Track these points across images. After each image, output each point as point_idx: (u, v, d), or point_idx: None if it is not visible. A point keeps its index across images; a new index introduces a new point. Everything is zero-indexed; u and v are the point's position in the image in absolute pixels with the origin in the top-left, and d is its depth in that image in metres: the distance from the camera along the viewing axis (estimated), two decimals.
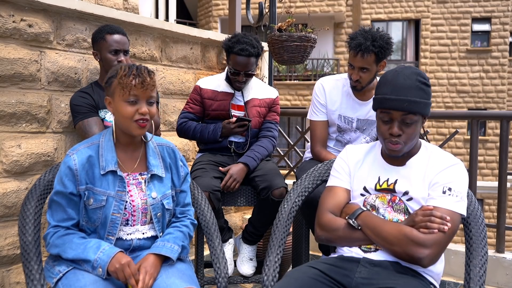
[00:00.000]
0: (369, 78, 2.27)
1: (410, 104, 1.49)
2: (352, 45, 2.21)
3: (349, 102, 2.40)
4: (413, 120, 1.52)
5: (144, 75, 1.52)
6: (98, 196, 1.55)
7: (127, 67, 1.54)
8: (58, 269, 1.52)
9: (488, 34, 15.37)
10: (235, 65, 2.41)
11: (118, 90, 1.52)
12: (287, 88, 14.87)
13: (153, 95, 1.56)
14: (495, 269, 2.65)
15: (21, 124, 2.23)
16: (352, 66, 2.26)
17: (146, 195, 1.62)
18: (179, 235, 1.65)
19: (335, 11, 15.35)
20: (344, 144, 2.45)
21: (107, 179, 1.57)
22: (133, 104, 1.52)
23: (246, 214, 3.77)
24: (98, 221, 1.56)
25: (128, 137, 1.61)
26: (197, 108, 2.53)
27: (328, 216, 1.63)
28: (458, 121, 14.51)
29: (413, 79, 1.51)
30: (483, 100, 15.22)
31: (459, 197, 1.51)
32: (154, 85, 1.55)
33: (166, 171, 1.69)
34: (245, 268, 2.44)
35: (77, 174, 1.53)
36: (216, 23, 16.08)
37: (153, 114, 1.56)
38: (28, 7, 2.24)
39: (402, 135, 1.53)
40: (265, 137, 2.53)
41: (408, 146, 1.56)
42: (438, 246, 1.45)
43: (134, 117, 1.52)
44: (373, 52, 2.18)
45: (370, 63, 2.21)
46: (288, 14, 3.22)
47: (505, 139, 2.75)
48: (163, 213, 1.65)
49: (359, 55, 2.19)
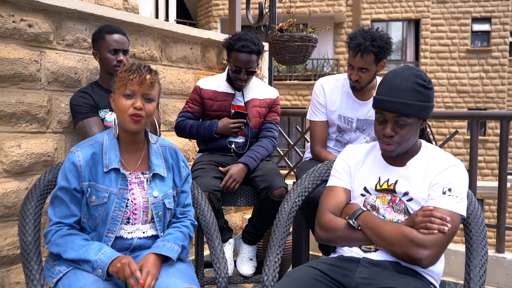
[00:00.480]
0: (368, 78, 2.26)
1: (402, 106, 1.49)
2: (352, 45, 2.21)
3: (349, 102, 2.40)
4: (406, 122, 1.51)
5: (142, 71, 1.55)
6: (100, 193, 1.56)
7: (131, 64, 1.58)
8: (58, 269, 1.52)
9: (488, 34, 15.37)
10: (236, 62, 2.40)
11: (118, 85, 1.57)
12: (287, 88, 14.87)
13: (150, 92, 1.57)
14: (495, 269, 2.65)
15: (21, 124, 2.23)
16: (352, 66, 2.25)
17: (148, 193, 1.62)
18: (179, 236, 1.66)
19: (335, 11, 15.35)
20: (344, 144, 2.45)
21: (110, 177, 1.58)
22: (129, 98, 1.55)
23: (246, 214, 3.77)
24: (99, 218, 1.56)
25: (130, 136, 1.62)
26: (196, 108, 2.53)
27: (328, 216, 1.63)
28: (458, 121, 14.52)
29: (410, 81, 1.50)
30: (483, 100, 15.22)
31: (459, 197, 1.51)
32: (152, 83, 1.57)
33: (168, 171, 1.70)
34: (245, 268, 2.44)
35: (81, 170, 1.55)
36: (216, 23, 16.09)
37: (149, 111, 1.57)
38: (28, 7, 2.24)
39: (395, 136, 1.53)
40: (265, 137, 2.53)
41: (402, 147, 1.56)
42: (438, 247, 1.45)
43: (128, 111, 1.54)
44: (372, 52, 2.17)
45: (369, 63, 2.21)
46: (288, 14, 3.22)
47: (505, 139, 2.75)
48: (164, 212, 1.66)
49: (358, 55, 2.19)
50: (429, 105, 1.54)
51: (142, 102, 1.55)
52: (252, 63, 2.42)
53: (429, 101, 1.53)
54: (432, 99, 1.55)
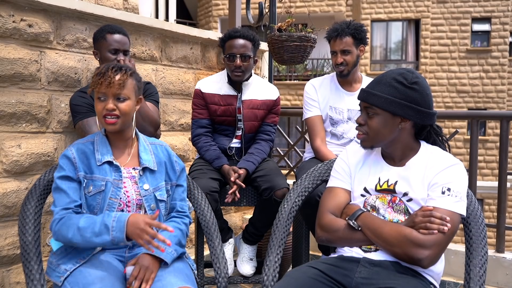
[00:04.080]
0: (352, 60, 2.41)
1: (368, 95, 1.56)
2: (330, 33, 2.43)
3: (338, 94, 2.51)
4: (374, 113, 1.56)
5: (109, 73, 1.58)
6: (97, 182, 1.59)
7: (103, 67, 1.61)
8: (64, 268, 1.53)
9: (488, 34, 15.35)
10: (230, 49, 2.41)
11: (92, 89, 1.62)
12: (287, 88, 14.86)
13: (121, 92, 1.59)
14: (495, 269, 2.65)
15: (21, 124, 2.23)
16: (335, 52, 2.43)
17: (139, 187, 1.65)
18: (177, 234, 1.67)
19: (335, 11, 15.35)
20: (339, 136, 2.51)
21: (104, 168, 1.62)
22: (101, 101, 1.60)
23: (246, 214, 3.77)
24: (97, 207, 1.58)
25: (116, 134, 1.66)
26: (205, 112, 2.49)
27: (328, 217, 1.63)
28: (458, 121, 14.51)
29: (390, 77, 1.55)
30: (483, 100, 15.21)
31: (458, 197, 1.51)
32: (122, 83, 1.59)
33: (159, 166, 1.72)
34: (245, 268, 2.44)
35: (75, 162, 1.60)
36: (216, 23, 16.08)
37: (123, 110, 1.60)
38: (28, 7, 2.24)
39: (364, 126, 1.59)
40: (264, 140, 2.53)
41: (372, 139, 1.59)
42: (438, 247, 1.45)
43: (102, 113, 1.59)
44: (349, 34, 2.37)
45: (349, 44, 2.39)
46: (288, 14, 3.22)
47: (505, 139, 2.75)
48: (157, 204, 1.68)
49: (338, 39, 2.39)
50: (404, 103, 1.52)
51: (114, 103, 1.59)
52: (246, 49, 2.40)
53: (406, 100, 1.52)
54: (412, 100, 1.52)
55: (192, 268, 1.71)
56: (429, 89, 1.58)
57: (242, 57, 2.39)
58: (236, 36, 2.40)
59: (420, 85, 1.54)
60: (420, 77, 1.56)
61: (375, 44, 16.09)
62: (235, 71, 2.41)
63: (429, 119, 1.57)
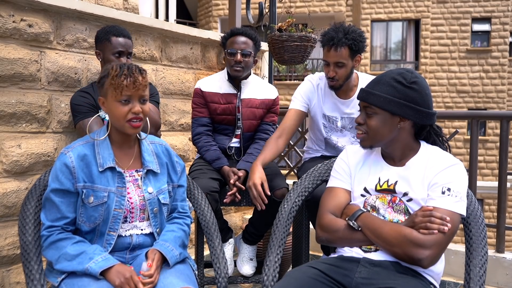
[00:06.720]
0: (345, 74, 2.19)
1: (367, 95, 1.57)
2: (325, 41, 2.17)
3: (332, 101, 2.35)
4: (372, 112, 1.56)
5: (135, 74, 1.52)
6: (99, 193, 1.54)
7: (118, 67, 1.53)
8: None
9: (488, 34, 15.36)
10: (232, 45, 2.42)
11: (111, 91, 1.52)
12: (287, 88, 14.84)
13: (145, 94, 1.56)
14: (495, 269, 2.65)
15: (21, 124, 2.23)
16: (327, 63, 2.19)
17: (143, 191, 1.62)
18: (181, 235, 1.67)
19: (335, 11, 15.35)
20: (333, 146, 2.44)
21: (106, 176, 1.57)
22: (126, 104, 1.52)
23: (246, 214, 3.77)
24: (99, 218, 1.55)
25: (123, 135, 1.62)
26: (205, 111, 2.49)
27: (328, 217, 1.63)
28: (458, 121, 14.50)
29: (390, 76, 1.55)
30: (483, 100, 15.22)
31: (458, 197, 1.51)
32: (146, 84, 1.55)
33: (162, 167, 1.69)
34: (245, 268, 2.44)
35: (74, 171, 1.53)
36: (216, 23, 16.08)
37: (146, 112, 1.57)
38: (28, 7, 2.24)
39: (364, 125, 1.60)
40: (263, 140, 2.53)
41: (372, 138, 1.59)
42: (438, 247, 1.45)
43: (127, 116, 1.53)
44: (346, 45, 2.13)
45: (345, 57, 2.15)
46: (288, 14, 3.23)
47: (505, 139, 2.75)
48: (160, 208, 1.65)
49: (332, 49, 2.14)
50: (403, 103, 1.52)
51: (140, 105, 1.54)
52: (248, 46, 2.42)
53: (405, 99, 1.52)
54: (411, 99, 1.53)
55: (193, 268, 1.70)
56: (429, 89, 1.58)
57: (243, 53, 2.40)
58: (239, 34, 2.43)
59: (419, 85, 1.54)
60: (419, 77, 1.56)
61: (375, 44, 16.10)
62: (235, 66, 2.41)
63: (429, 119, 1.57)
